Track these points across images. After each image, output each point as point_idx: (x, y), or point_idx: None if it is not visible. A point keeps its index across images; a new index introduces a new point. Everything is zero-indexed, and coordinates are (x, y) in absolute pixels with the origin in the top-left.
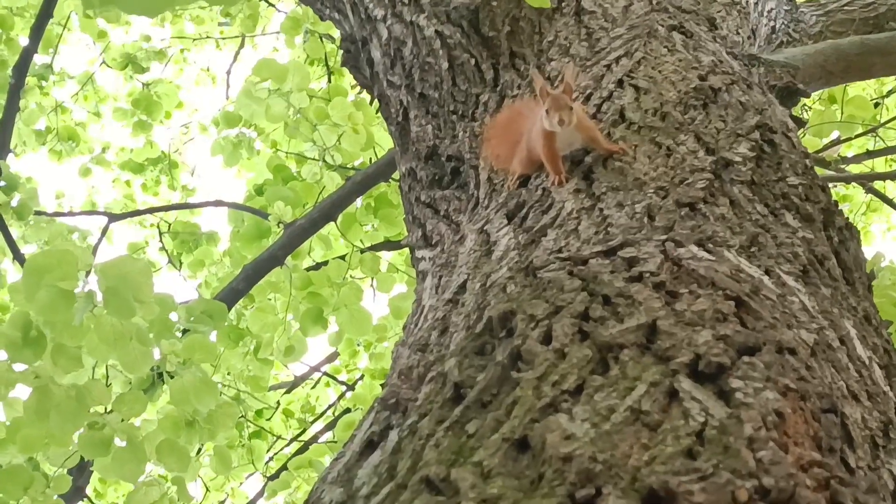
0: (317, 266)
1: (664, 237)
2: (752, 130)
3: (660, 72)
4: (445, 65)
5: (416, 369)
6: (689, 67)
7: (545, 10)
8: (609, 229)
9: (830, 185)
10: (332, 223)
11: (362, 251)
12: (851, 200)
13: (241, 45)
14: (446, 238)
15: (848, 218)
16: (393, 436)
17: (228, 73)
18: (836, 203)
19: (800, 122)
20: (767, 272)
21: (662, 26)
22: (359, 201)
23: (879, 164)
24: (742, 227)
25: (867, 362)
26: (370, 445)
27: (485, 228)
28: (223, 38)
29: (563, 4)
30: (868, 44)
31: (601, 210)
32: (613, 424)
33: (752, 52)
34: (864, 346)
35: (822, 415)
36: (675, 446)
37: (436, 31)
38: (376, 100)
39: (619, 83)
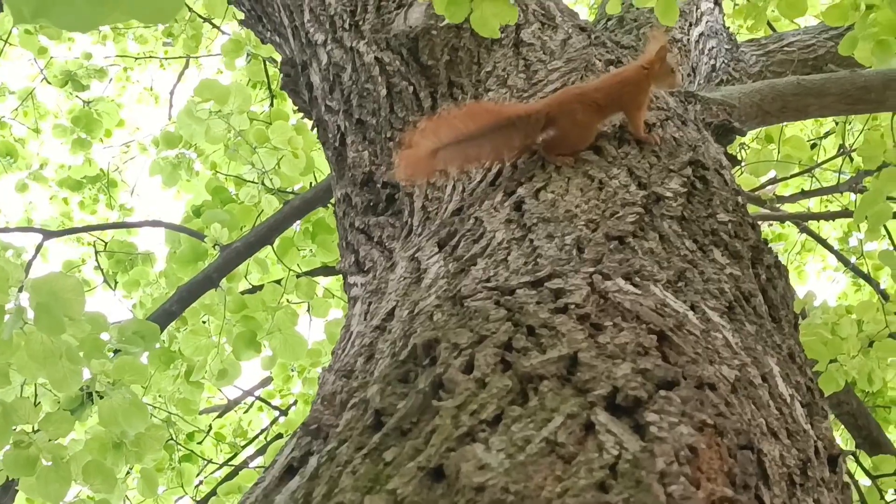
0: (253, 290)
1: (592, 270)
2: (685, 166)
3: None
4: (384, 91)
5: (339, 395)
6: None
7: (484, 41)
8: (538, 260)
9: (766, 223)
10: (270, 247)
11: (298, 276)
12: (786, 239)
13: (186, 66)
14: (378, 265)
15: (777, 256)
16: (312, 462)
17: (172, 93)
18: (765, 241)
19: (734, 160)
20: (693, 307)
21: (600, 60)
22: (297, 226)
23: (816, 205)
24: (670, 262)
25: (789, 400)
26: (290, 471)
27: (416, 256)
28: (167, 59)
29: (503, 36)
30: (804, 85)
31: (531, 241)
32: (528, 455)
33: (690, 89)
34: (786, 384)
35: (739, 451)
36: (588, 479)
37: (375, 58)
38: (314, 124)
39: None
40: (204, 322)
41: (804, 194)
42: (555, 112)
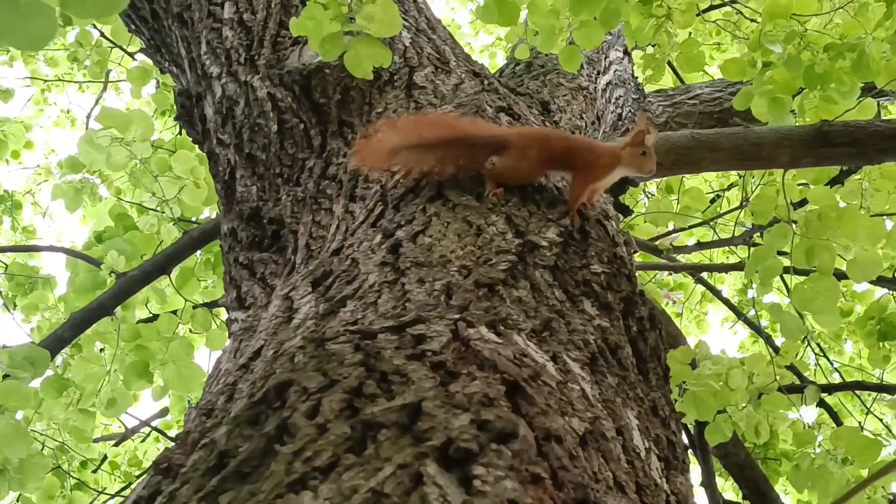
0: (151, 319)
1: (457, 316)
2: (563, 216)
3: None
4: (275, 127)
5: (193, 434)
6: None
7: (377, 82)
8: (406, 305)
9: (666, 273)
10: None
11: (195, 307)
12: (686, 289)
13: (104, 89)
14: (259, 301)
15: (651, 309)
16: (158, 501)
17: (88, 116)
18: (640, 293)
19: (626, 210)
20: (554, 358)
21: (490, 107)
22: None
23: (717, 256)
24: (537, 312)
25: (643, 454)
26: None
27: (290, 295)
28: (86, 82)
29: (396, 78)
30: (698, 138)
31: (403, 284)
32: None
33: (594, 136)
34: (644, 437)
35: None
36: None
37: (268, 93)
38: (207, 156)
39: None
40: (101, 350)
41: (700, 245)
42: (512, 142)
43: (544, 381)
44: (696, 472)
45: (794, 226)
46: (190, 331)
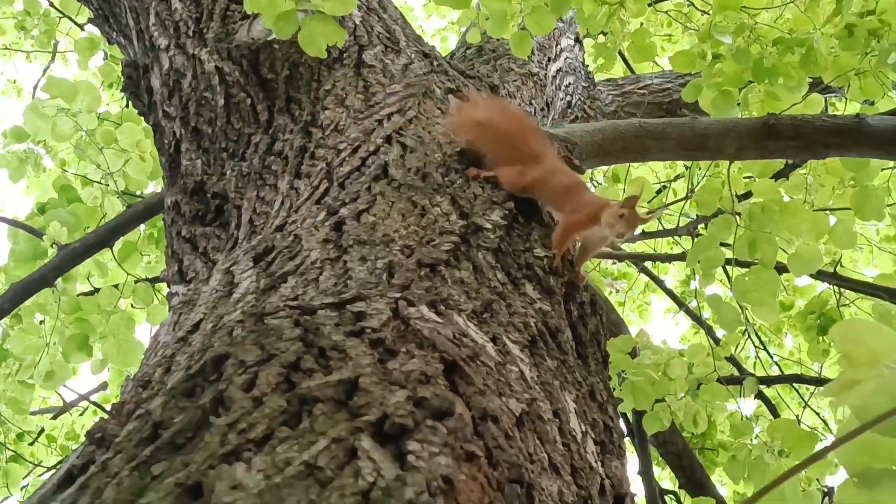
0: (93, 293)
1: (398, 295)
2: (508, 199)
3: (429, 132)
4: (221, 101)
5: (128, 406)
6: (452, 125)
7: (326, 59)
8: (348, 282)
9: (611, 261)
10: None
11: (137, 281)
12: (630, 279)
13: (52, 60)
14: (201, 275)
15: (594, 295)
16: (90, 470)
17: (35, 87)
18: (582, 278)
19: None
20: (494, 339)
21: (439, 88)
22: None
23: (662, 246)
24: (479, 293)
25: (580, 437)
26: (69, 478)
27: (231, 269)
28: (33, 51)
29: (345, 56)
30: (645, 127)
31: (345, 262)
32: (285, 478)
33: (543, 124)
34: (581, 421)
35: (507, 484)
36: None
37: (216, 67)
38: (152, 129)
39: (388, 139)
40: (41, 322)
41: (645, 235)
42: (543, 163)
43: (483, 361)
44: (633, 460)
45: (737, 218)
46: (132, 305)
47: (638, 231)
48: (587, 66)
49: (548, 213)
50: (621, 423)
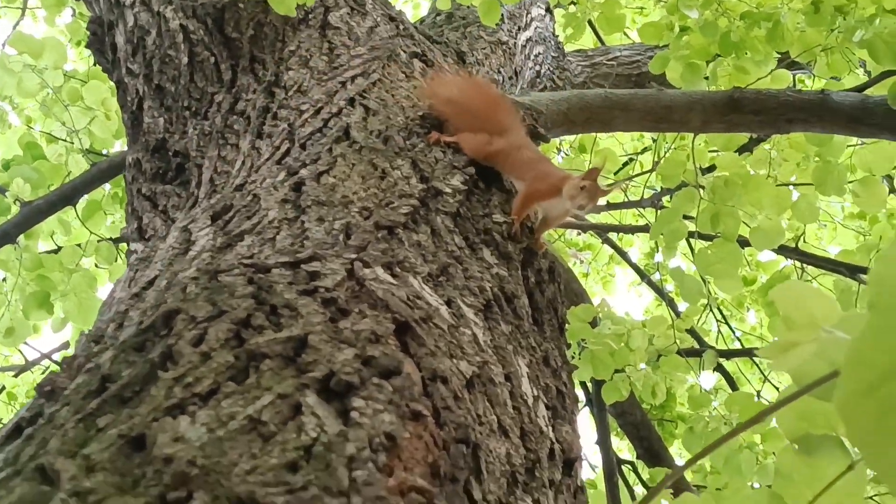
0: (56, 252)
1: (354, 256)
2: (469, 165)
3: (392, 95)
4: (185, 60)
5: (79, 360)
6: (423, 95)
7: (291, 20)
8: (304, 242)
9: (576, 232)
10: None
11: (100, 240)
12: (595, 250)
13: (22, 16)
14: (160, 233)
15: (553, 262)
16: (38, 423)
17: (3, 44)
18: (541, 246)
19: None
20: (448, 302)
21: (404, 52)
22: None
23: (627, 219)
24: (435, 257)
25: (531, 401)
26: (17, 430)
27: (188, 227)
28: (4, 7)
29: (311, 17)
30: (611, 98)
31: (302, 222)
32: (228, 431)
33: (511, 93)
34: (533, 385)
35: (453, 444)
36: (280, 459)
37: (180, 25)
38: (116, 86)
39: (351, 101)
40: (3, 279)
41: (609, 206)
42: (508, 136)
43: (436, 323)
44: (591, 430)
45: (701, 191)
46: (95, 265)
47: (602, 202)
48: (557, 36)
49: (509, 182)
50: (577, 390)
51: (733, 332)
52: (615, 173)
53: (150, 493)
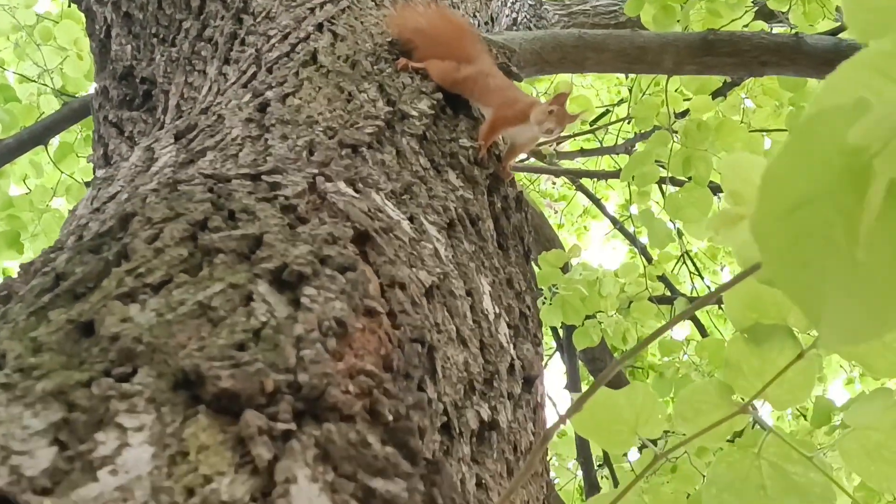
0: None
1: (316, 171)
2: (437, 91)
3: (361, 22)
4: None
5: (35, 265)
6: (391, 24)
7: None
8: (267, 158)
9: (551, 183)
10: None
11: (72, 180)
12: (570, 201)
13: None
14: (125, 158)
15: (521, 192)
16: None
17: None
18: (508, 174)
19: None
20: (411, 219)
21: None
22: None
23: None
24: (400, 176)
25: (492, 317)
26: None
27: (151, 146)
28: None
29: None
30: (585, 38)
31: (266, 140)
32: (177, 315)
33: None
34: (495, 304)
35: (409, 343)
36: (228, 339)
37: None
38: (84, 14)
39: (319, 27)
40: None
41: (583, 153)
42: (476, 65)
43: (397, 235)
44: (561, 374)
45: (674, 136)
46: (67, 207)
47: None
48: None
49: (477, 110)
50: (547, 336)
51: (707, 287)
52: (592, 122)
53: (95, 369)
